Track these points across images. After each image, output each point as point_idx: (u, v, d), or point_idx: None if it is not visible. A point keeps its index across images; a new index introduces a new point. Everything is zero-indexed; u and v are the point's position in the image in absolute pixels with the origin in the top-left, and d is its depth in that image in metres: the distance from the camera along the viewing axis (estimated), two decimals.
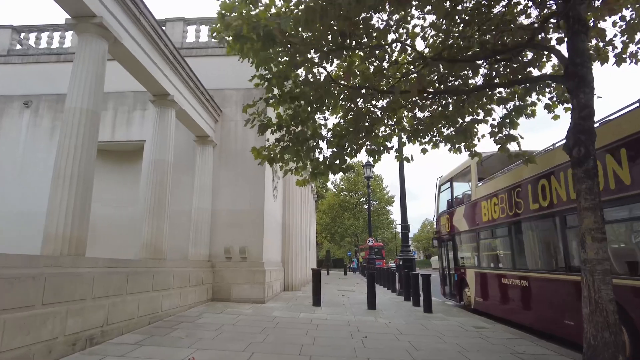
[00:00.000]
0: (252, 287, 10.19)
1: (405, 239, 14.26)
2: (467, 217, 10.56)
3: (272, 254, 12.08)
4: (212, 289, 10.20)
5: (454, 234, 11.58)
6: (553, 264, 6.75)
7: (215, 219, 10.83)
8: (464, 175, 11.34)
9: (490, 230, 9.11)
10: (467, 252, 10.92)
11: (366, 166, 28.66)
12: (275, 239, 12.75)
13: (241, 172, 11.07)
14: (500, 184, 8.54)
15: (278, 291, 12.47)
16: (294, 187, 14.81)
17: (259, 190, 10.88)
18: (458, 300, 11.43)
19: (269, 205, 11.62)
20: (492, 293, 9.02)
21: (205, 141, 11.01)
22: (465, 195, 11.20)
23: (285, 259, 14.07)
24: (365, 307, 9.89)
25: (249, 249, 10.50)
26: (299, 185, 6.91)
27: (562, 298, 6.30)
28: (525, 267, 7.55)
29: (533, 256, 7.44)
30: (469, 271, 10.41)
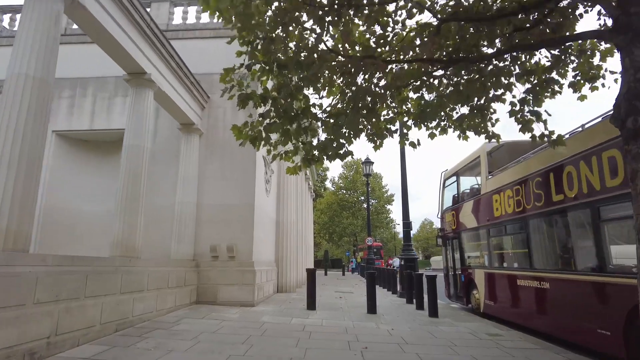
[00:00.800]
0: (241, 289, 9.28)
1: (407, 237, 13.37)
2: (476, 213, 9.68)
3: (264, 252, 11.18)
4: (196, 291, 9.30)
5: (461, 231, 10.70)
6: (582, 264, 5.86)
7: (201, 214, 9.93)
8: (472, 168, 10.46)
9: (503, 226, 8.23)
10: (476, 251, 10.04)
11: (365, 163, 27.84)
12: (267, 236, 11.85)
13: (230, 163, 10.17)
14: (515, 175, 7.66)
15: (270, 293, 11.57)
16: (289, 181, 13.93)
17: (249, 184, 9.99)
18: (465, 302, 10.55)
19: (260, 200, 10.72)
20: (505, 296, 8.15)
21: (191, 129, 10.11)
22: (474, 189, 10.32)
23: (279, 258, 13.17)
24: (365, 311, 9.00)
25: (238, 248, 9.60)
26: (289, 173, 6.03)
27: (594, 304, 5.41)
28: (545, 267, 6.67)
29: (556, 254, 6.56)
30: (478, 272, 9.53)
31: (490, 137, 5.88)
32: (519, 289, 7.45)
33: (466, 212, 10.33)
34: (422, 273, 10.36)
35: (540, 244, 6.92)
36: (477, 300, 9.59)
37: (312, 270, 9.21)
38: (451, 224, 11.47)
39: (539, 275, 6.77)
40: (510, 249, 8.14)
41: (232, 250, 9.47)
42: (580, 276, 5.76)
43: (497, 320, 8.45)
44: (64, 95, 10.93)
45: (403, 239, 13.53)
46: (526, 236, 7.20)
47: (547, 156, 6.65)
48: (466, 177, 11.27)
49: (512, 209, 7.72)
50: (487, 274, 9.00)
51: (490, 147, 9.41)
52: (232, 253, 9.49)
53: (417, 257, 13.38)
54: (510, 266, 7.95)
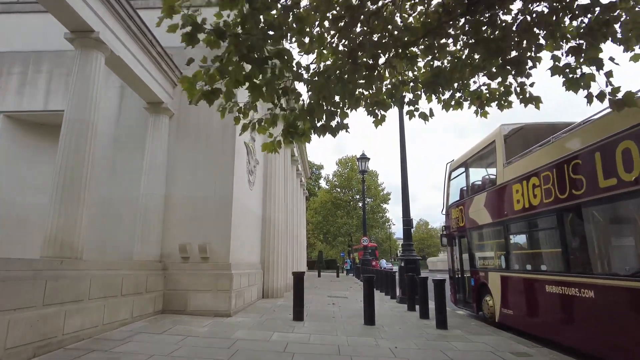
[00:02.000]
0: (215, 296, 7.87)
1: (407, 236, 12.03)
2: (490, 207, 8.35)
3: (246, 253, 9.77)
4: (162, 299, 7.87)
5: (470, 228, 9.37)
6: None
7: (170, 208, 8.50)
8: (484, 156, 9.14)
9: (527, 221, 6.90)
10: (489, 251, 8.71)
11: (360, 160, 26.54)
12: (251, 235, 10.44)
13: (205, 149, 8.75)
14: (544, 159, 6.33)
15: (253, 299, 10.16)
16: (277, 174, 12.53)
17: (227, 173, 8.57)
18: (475, 310, 9.21)
19: (241, 193, 9.32)
20: (528, 304, 6.82)
21: (159, 109, 8.68)
22: (486, 180, 8.99)
23: (265, 259, 11.76)
24: (362, 322, 7.63)
25: (212, 247, 8.18)
26: (266, 150, 4.71)
27: None
28: (589, 271, 5.33)
29: (605, 256, 5.24)
30: (493, 275, 8.20)
31: (527, 101, 4.55)
32: (549, 296, 6.11)
33: (477, 207, 8.99)
34: (426, 277, 9.01)
35: (581, 243, 5.58)
36: (491, 308, 8.25)
37: (299, 275, 7.82)
38: (458, 220, 10.13)
39: (578, 281, 5.43)
40: (536, 249, 6.80)
41: (205, 251, 8.05)
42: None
43: (517, 333, 7.13)
44: (14, 71, 9.46)
45: (403, 237, 12.19)
46: (560, 233, 5.86)
47: (591, 132, 5.32)
48: (476, 168, 9.94)
49: (540, 200, 6.38)
50: (504, 277, 7.67)
51: (507, 130, 8.10)
52: (205, 254, 8.07)
53: (419, 258, 12.04)
54: (537, 269, 6.61)
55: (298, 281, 7.74)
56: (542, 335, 6.45)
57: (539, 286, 6.42)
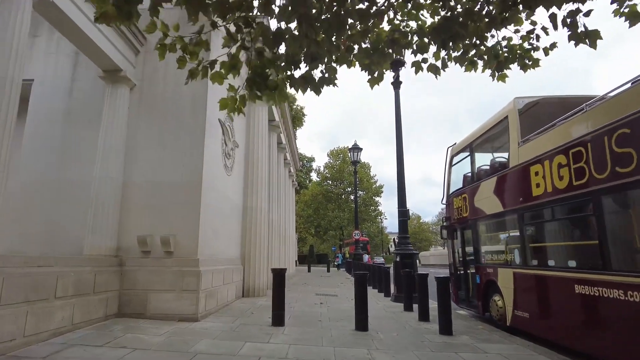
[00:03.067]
0: (180, 297, 6.67)
1: (403, 229, 10.94)
2: (501, 194, 7.26)
3: (222, 247, 8.57)
4: (117, 300, 6.65)
5: (476, 219, 8.28)
6: None
7: (129, 194, 7.26)
8: (493, 136, 8.05)
9: (549, 208, 5.81)
10: (499, 244, 7.64)
11: (353, 150, 25.41)
12: (228, 226, 9.24)
13: (172, 126, 7.50)
14: (575, 131, 5.23)
15: (231, 299, 8.98)
16: (260, 159, 11.30)
17: (196, 154, 7.34)
18: (480, 310, 8.15)
19: (215, 178, 8.10)
20: (550, 307, 5.75)
21: (117, 79, 7.40)
22: (496, 164, 7.89)
23: (246, 254, 10.57)
24: (352, 327, 6.51)
25: (178, 240, 6.97)
26: (226, 109, 3.56)
27: None
28: (636, 268, 4.25)
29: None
30: (503, 272, 7.12)
31: (579, 38, 3.41)
32: (579, 299, 5.03)
33: (484, 194, 7.90)
34: (426, 274, 7.92)
35: (627, 233, 4.49)
36: (500, 310, 7.19)
37: (279, 272, 6.65)
38: (461, 210, 9.04)
39: (622, 282, 4.34)
40: (562, 241, 5.70)
41: (169, 244, 6.84)
42: None
43: (532, 338, 6.08)
44: None
45: (398, 230, 11.10)
46: (598, 221, 4.75)
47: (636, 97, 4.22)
48: (483, 151, 8.85)
49: (568, 182, 5.28)
50: (518, 275, 6.59)
51: (522, 104, 7.00)
52: (168, 247, 6.86)
53: (417, 252, 10.97)
54: (563, 265, 5.52)
55: (278, 279, 6.57)
56: (567, 344, 5.39)
57: (565, 286, 5.33)
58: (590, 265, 4.94)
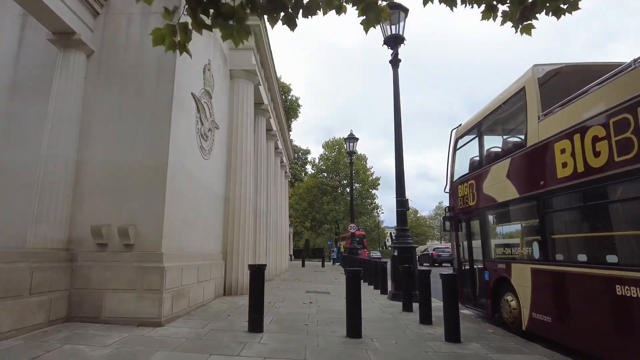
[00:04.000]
0: (140, 298, 5.66)
1: (402, 220, 9.98)
2: (517, 177, 6.27)
3: (195, 240, 7.55)
4: (67, 301, 5.64)
5: (485, 208, 7.31)
6: None
7: (83, 177, 6.21)
8: (505, 112, 7.04)
9: (581, 191, 4.82)
10: (513, 236, 6.67)
11: (348, 140, 24.43)
12: (204, 217, 8.21)
13: (133, 99, 6.43)
14: (618, 95, 4.22)
15: (208, 298, 7.98)
16: (245, 144, 10.26)
17: (162, 132, 6.28)
18: (489, 311, 7.20)
19: (186, 160, 7.06)
20: (581, 311, 4.78)
21: (70, 42, 6.32)
22: (509, 144, 6.90)
23: (228, 248, 9.56)
24: (343, 332, 5.54)
25: (139, 231, 5.95)
26: (157, 43, 2.49)
27: None
28: None
29: None
30: (518, 267, 6.16)
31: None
32: (622, 302, 4.06)
33: (496, 179, 6.91)
34: (428, 270, 6.95)
35: None
36: (514, 311, 6.24)
37: (257, 269, 5.64)
38: (467, 199, 8.06)
39: None
40: (599, 231, 4.70)
41: (128, 236, 5.81)
42: None
43: (554, 346, 5.14)
44: None
45: (397, 221, 10.13)
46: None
47: None
48: (493, 131, 7.86)
49: (607, 158, 4.29)
50: (538, 272, 5.62)
51: (542, 72, 5.99)
52: (127, 239, 5.83)
53: (416, 245, 10.01)
54: (598, 261, 4.54)
55: (256, 278, 5.56)
56: (599, 357, 4.43)
57: (602, 286, 4.36)
58: (638, 261, 3.96)
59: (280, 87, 39.74)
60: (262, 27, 10.81)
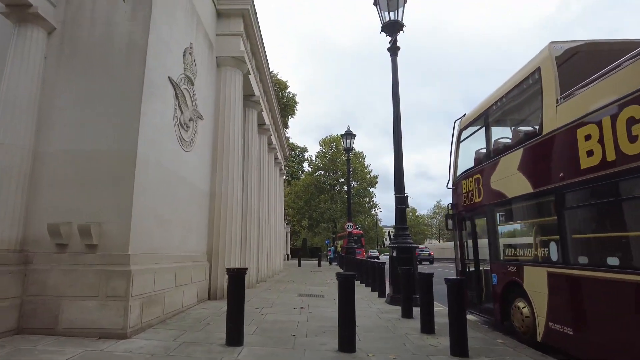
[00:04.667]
0: (104, 306, 4.95)
1: (401, 218, 9.30)
2: (531, 169, 5.58)
3: (172, 239, 6.84)
4: (18, 310, 4.93)
5: (493, 204, 6.63)
6: None
7: (41, 168, 5.49)
8: (516, 99, 6.35)
9: (610, 183, 4.12)
10: (526, 235, 5.99)
11: (345, 136, 23.72)
12: (184, 214, 7.49)
13: (100, 81, 5.71)
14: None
15: (189, 303, 7.28)
16: (232, 136, 9.55)
17: (131, 117, 5.56)
18: (497, 318, 6.52)
19: (161, 151, 6.34)
20: (614, 324, 4.09)
21: (27, 17, 5.60)
22: (521, 133, 6.21)
23: (214, 249, 8.85)
24: (335, 346, 4.85)
25: (104, 230, 5.24)
26: None
27: None
28: None
29: None
30: (532, 271, 5.48)
31: None
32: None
33: (505, 172, 6.23)
34: (430, 273, 6.27)
35: None
36: (527, 320, 5.56)
37: (236, 273, 4.92)
38: (472, 195, 7.38)
39: None
40: (631, 230, 4.01)
41: (90, 235, 5.09)
42: None
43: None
44: None
45: (395, 219, 9.44)
46: None
47: None
48: (500, 124, 7.18)
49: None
50: (556, 276, 4.94)
51: (561, 50, 5.30)
52: (89, 239, 5.12)
53: (416, 245, 9.33)
54: (633, 265, 3.85)
55: (235, 283, 4.86)
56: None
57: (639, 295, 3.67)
58: None
59: (277, 83, 39.01)
60: (252, 11, 10.09)
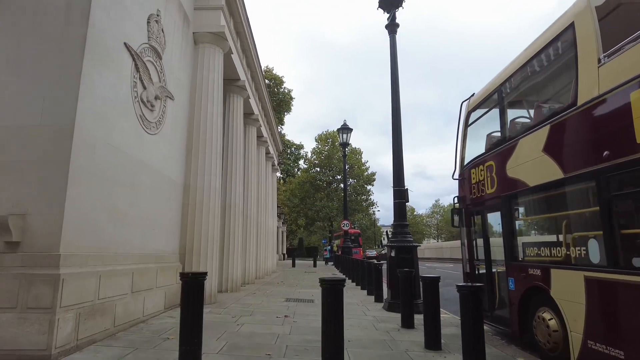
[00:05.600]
0: (22, 320, 3.89)
1: (400, 214, 8.30)
2: (563, 150, 4.55)
3: (130, 235, 5.77)
4: None
5: (510, 195, 5.59)
6: None
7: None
8: (540, 68, 5.30)
9: None
10: (554, 232, 4.95)
11: (342, 130, 22.70)
12: (146, 207, 6.42)
13: (34, 43, 4.64)
14: None
15: (153, 311, 6.22)
16: (209, 121, 8.48)
17: (70, 87, 4.49)
18: (515, 329, 5.47)
19: (113, 130, 5.28)
20: None
21: None
22: (545, 108, 5.18)
23: (188, 247, 7.79)
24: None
25: (30, 224, 4.17)
26: None
27: None
28: None
29: None
30: (563, 275, 4.44)
31: None
32: None
33: (527, 156, 5.19)
34: (437, 277, 5.25)
35: None
36: (555, 334, 4.52)
37: (192, 280, 3.87)
38: (484, 185, 6.35)
39: None
40: None
41: (9, 230, 4.02)
42: None
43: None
44: None
45: (394, 215, 8.43)
46: None
47: None
48: (520, 99, 6.13)
49: None
50: (598, 283, 3.90)
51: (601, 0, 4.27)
52: (9, 235, 4.05)
53: (418, 244, 8.31)
54: None
55: (190, 291, 3.80)
56: None
57: None
58: None
59: (272, 78, 37.92)
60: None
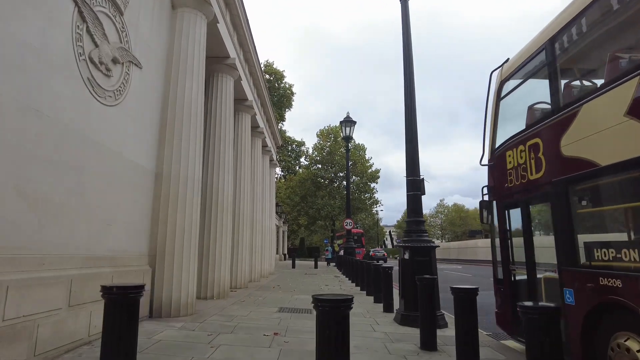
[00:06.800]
0: None
1: (415, 207, 6.96)
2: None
3: (74, 232, 4.47)
4: None
5: (567, 180, 4.24)
6: None
7: None
8: (610, 11, 3.96)
9: None
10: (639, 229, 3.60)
11: (344, 123, 21.38)
12: (99, 196, 5.11)
13: None
14: None
15: (96, 330, 4.87)
16: (187, 97, 7.17)
17: None
18: (580, 357, 4.10)
19: (38, 92, 3.97)
20: None
21: None
22: (622, 61, 3.83)
23: (159, 248, 6.48)
24: None
25: None
26: None
27: None
28: None
29: None
30: None
31: None
32: None
33: (595, 126, 3.85)
34: (474, 288, 3.92)
35: None
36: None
37: (121, 295, 2.55)
38: (526, 170, 5.00)
39: None
40: None
41: None
42: None
43: None
44: None
45: (407, 210, 7.10)
46: None
47: None
48: (575, 58, 4.78)
49: None
50: None
51: None
52: None
53: (437, 245, 6.96)
54: None
55: (117, 316, 2.49)
56: None
57: None
58: None
59: (272, 73, 36.68)
60: None
